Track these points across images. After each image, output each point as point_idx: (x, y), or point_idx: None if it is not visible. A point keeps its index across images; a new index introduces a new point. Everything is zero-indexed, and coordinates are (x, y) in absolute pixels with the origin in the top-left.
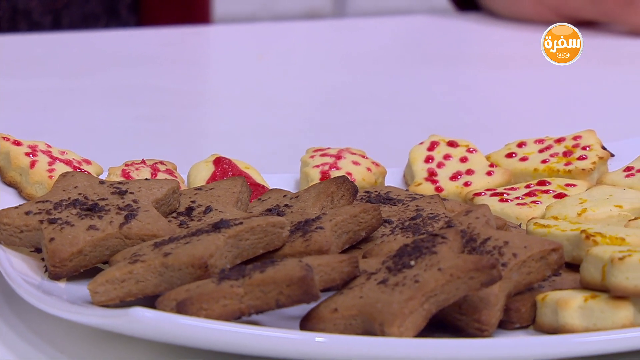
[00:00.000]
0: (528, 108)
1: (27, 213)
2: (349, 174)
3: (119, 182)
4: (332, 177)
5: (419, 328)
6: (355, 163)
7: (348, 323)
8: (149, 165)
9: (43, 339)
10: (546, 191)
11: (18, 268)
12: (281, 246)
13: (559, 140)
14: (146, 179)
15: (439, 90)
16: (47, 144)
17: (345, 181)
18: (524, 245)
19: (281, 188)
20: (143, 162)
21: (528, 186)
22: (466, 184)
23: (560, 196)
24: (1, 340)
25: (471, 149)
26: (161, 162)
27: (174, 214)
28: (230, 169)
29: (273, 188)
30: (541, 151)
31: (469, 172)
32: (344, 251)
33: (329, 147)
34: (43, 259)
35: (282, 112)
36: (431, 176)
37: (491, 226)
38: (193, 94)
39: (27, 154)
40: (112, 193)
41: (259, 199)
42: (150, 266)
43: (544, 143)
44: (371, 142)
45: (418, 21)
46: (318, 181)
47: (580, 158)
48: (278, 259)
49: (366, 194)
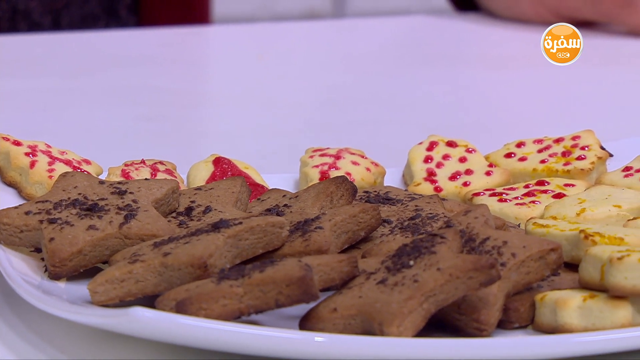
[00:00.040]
0: (527, 108)
1: (27, 213)
2: (348, 174)
3: (119, 182)
4: (332, 177)
5: (418, 328)
6: (354, 163)
7: (347, 323)
8: (149, 165)
9: (43, 339)
10: (545, 191)
11: (18, 268)
12: (280, 246)
13: (558, 140)
14: (146, 179)
15: (438, 90)
16: (47, 144)
17: (344, 181)
18: (523, 245)
19: (280, 188)
20: (143, 162)
21: (527, 186)
22: (465, 184)
23: (559, 196)
24: (1, 340)
25: (470, 149)
26: (161, 162)
27: (174, 214)
28: (229, 169)
29: (272, 188)
30: (540, 151)
31: (468, 172)
32: (343, 251)
33: (328, 147)
34: (43, 259)
35: (282, 112)
36: (430, 176)
37: (490, 226)
38: (192, 94)
39: (27, 154)
40: (112, 193)
41: (259, 199)
42: (149, 266)
43: (543, 143)
44: (370, 142)
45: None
46: (317, 181)
47: (579, 158)
48: (277, 259)
49: (365, 194)
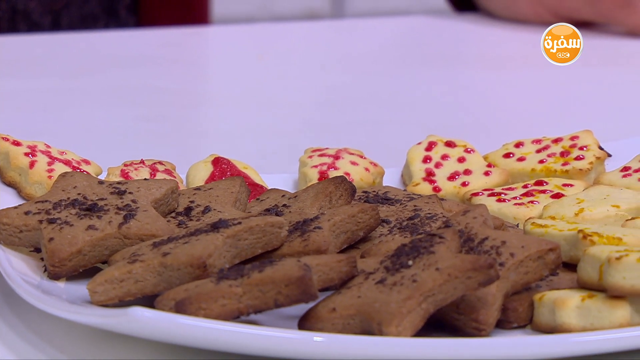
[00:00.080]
0: (525, 108)
1: (27, 213)
2: (347, 174)
3: (118, 182)
4: (331, 177)
5: (417, 328)
6: (353, 163)
7: (346, 322)
8: (148, 165)
9: (42, 339)
10: (543, 191)
11: (17, 268)
12: (279, 246)
13: (557, 140)
14: (145, 179)
15: (437, 90)
16: (47, 144)
17: (343, 181)
18: (522, 245)
19: (279, 188)
20: (142, 162)
21: (525, 186)
22: (464, 184)
23: (557, 196)
24: (1, 339)
25: (469, 149)
26: (160, 162)
27: (173, 214)
28: (228, 169)
29: (271, 188)
30: (538, 151)
31: (467, 172)
32: (342, 251)
33: (327, 147)
34: (42, 259)
35: (281, 113)
36: (429, 176)
37: (489, 226)
38: (192, 94)
39: (27, 154)
40: (111, 193)
41: (258, 199)
42: (149, 266)
43: (542, 143)
44: (369, 142)
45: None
46: (316, 181)
47: (577, 158)
48: (276, 259)
49: (364, 194)
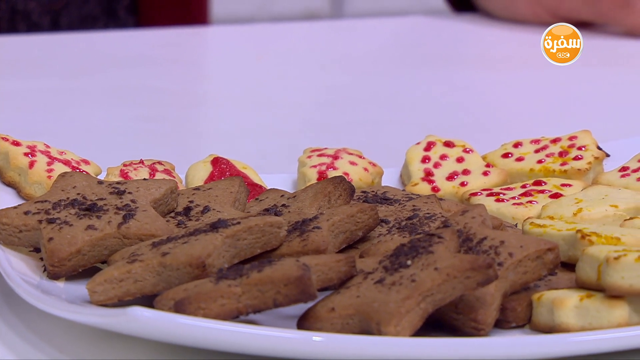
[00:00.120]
0: (524, 108)
1: (26, 213)
2: (346, 174)
3: (118, 182)
4: (330, 177)
5: (416, 327)
6: (352, 163)
7: (345, 322)
8: (147, 165)
9: (42, 339)
10: (542, 191)
11: (17, 267)
12: (279, 246)
13: (555, 140)
14: (144, 179)
15: (436, 90)
16: (46, 144)
17: (342, 181)
18: (520, 244)
19: (279, 188)
20: (141, 162)
21: (524, 186)
22: (462, 184)
23: (556, 196)
24: (0, 339)
25: (467, 149)
26: (159, 162)
27: (172, 214)
28: (228, 169)
29: (270, 188)
30: (537, 151)
31: (466, 172)
32: (341, 251)
33: (326, 148)
34: (42, 259)
35: (280, 113)
36: (428, 176)
37: (487, 226)
38: (191, 95)
39: (26, 154)
40: (111, 193)
41: (257, 199)
42: (148, 266)
43: (540, 143)
44: (368, 143)
45: (415, 22)
46: (315, 181)
47: (575, 158)
48: (275, 259)
49: (363, 194)
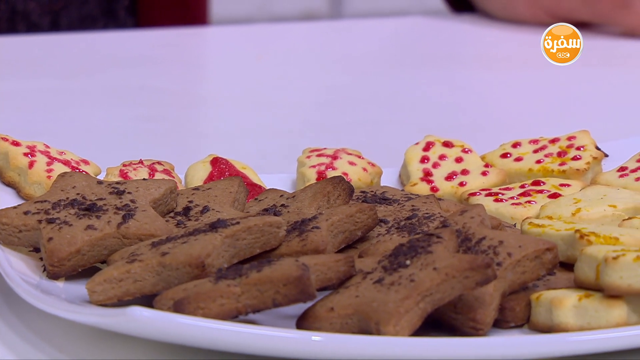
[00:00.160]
0: (523, 108)
1: (26, 213)
2: (345, 174)
3: (117, 182)
4: (329, 177)
5: (415, 327)
6: (351, 163)
7: (344, 322)
8: (147, 165)
9: (42, 338)
10: (541, 191)
11: (17, 267)
12: (278, 246)
13: (554, 140)
14: (144, 179)
15: (434, 90)
16: (46, 145)
17: (341, 181)
18: (519, 244)
19: (278, 188)
20: (141, 163)
21: (523, 186)
22: (461, 184)
23: (554, 196)
24: (0, 339)
25: (466, 149)
26: (159, 163)
27: (172, 214)
28: (227, 169)
29: (270, 188)
30: (536, 151)
31: (464, 172)
32: (340, 251)
33: (325, 148)
34: (41, 259)
35: (279, 113)
36: (427, 176)
37: (486, 226)
38: (190, 95)
39: (26, 154)
40: (110, 193)
41: (256, 199)
42: (147, 265)
43: (539, 143)
44: (367, 143)
45: (413, 22)
46: (314, 181)
47: (574, 158)
48: (275, 259)
49: (362, 194)
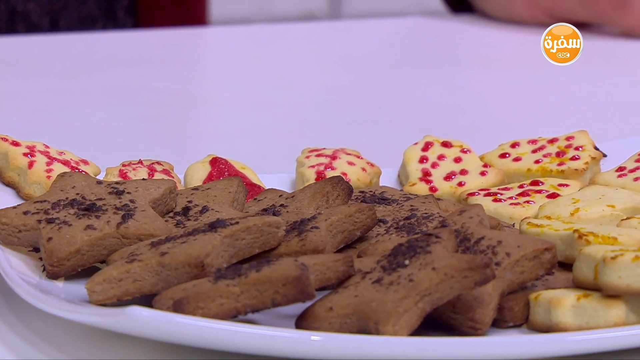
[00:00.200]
0: (521, 109)
1: (25, 213)
2: (344, 174)
3: (117, 182)
4: (328, 177)
5: (413, 327)
6: (350, 163)
7: (343, 322)
8: (146, 165)
9: (41, 338)
10: (539, 191)
11: (16, 267)
12: (277, 245)
13: (552, 140)
14: (143, 179)
15: (433, 91)
16: (45, 145)
17: (340, 181)
18: (518, 244)
19: (277, 188)
20: (140, 163)
21: (521, 186)
22: (460, 184)
23: (553, 196)
24: (0, 339)
25: (465, 150)
26: (158, 163)
27: (171, 214)
28: (226, 169)
29: (269, 188)
30: (534, 151)
31: (463, 172)
32: (339, 250)
33: (324, 148)
34: (41, 259)
35: (278, 113)
36: (425, 176)
37: (485, 226)
38: (190, 95)
39: (25, 155)
40: (110, 193)
41: (255, 199)
42: (147, 265)
43: (537, 143)
44: (366, 143)
45: (412, 23)
46: (313, 181)
47: (573, 158)
48: (274, 259)
49: (361, 194)
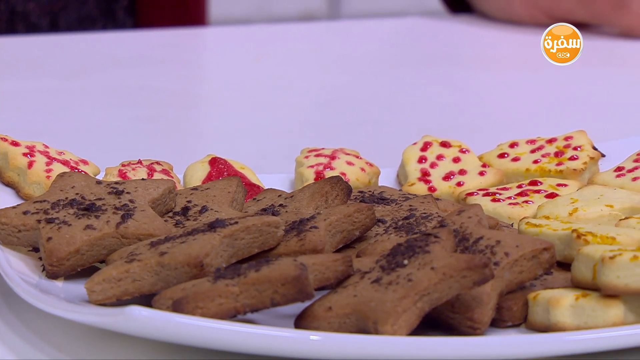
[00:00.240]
0: (520, 109)
1: (25, 213)
2: (343, 174)
3: (116, 182)
4: (327, 177)
5: (412, 326)
6: (349, 163)
7: (342, 321)
8: (146, 165)
9: (41, 338)
10: (538, 191)
11: (16, 267)
12: (276, 245)
13: (551, 140)
14: (143, 179)
15: (432, 91)
16: (45, 145)
17: (339, 181)
18: (516, 244)
19: (276, 188)
20: (139, 163)
21: (520, 186)
22: (459, 184)
23: (551, 196)
24: (0, 339)
25: (464, 150)
26: (157, 163)
27: (170, 214)
28: (225, 169)
29: (268, 188)
30: (533, 151)
31: (462, 172)
32: (338, 250)
33: (323, 148)
34: (41, 258)
35: (277, 113)
36: (424, 176)
37: (483, 225)
38: (189, 95)
39: (25, 155)
40: (109, 193)
41: (254, 199)
42: (146, 265)
43: (536, 143)
44: (365, 143)
45: (411, 23)
46: (312, 181)
47: (571, 158)
48: (273, 258)
49: (360, 194)
